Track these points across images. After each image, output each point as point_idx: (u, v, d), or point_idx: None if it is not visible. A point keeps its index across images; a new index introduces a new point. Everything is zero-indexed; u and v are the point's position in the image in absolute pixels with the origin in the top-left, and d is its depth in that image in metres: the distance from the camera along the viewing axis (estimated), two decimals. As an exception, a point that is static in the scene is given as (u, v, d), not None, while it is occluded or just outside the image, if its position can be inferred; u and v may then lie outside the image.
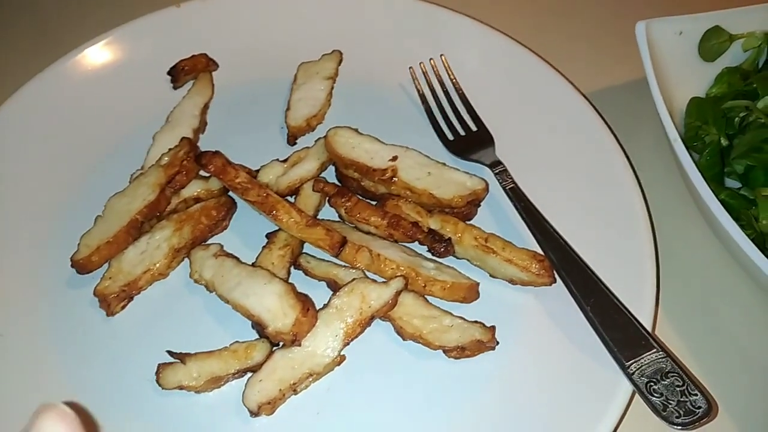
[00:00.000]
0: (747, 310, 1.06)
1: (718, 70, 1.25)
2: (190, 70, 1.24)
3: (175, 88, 1.25)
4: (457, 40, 1.28)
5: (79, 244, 1.03)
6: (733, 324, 1.05)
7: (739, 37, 1.24)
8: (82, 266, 1.02)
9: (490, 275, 1.04)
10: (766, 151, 1.08)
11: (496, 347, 0.97)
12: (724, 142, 1.14)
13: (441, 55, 1.27)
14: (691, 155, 1.10)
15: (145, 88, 1.24)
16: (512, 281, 1.03)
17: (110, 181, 1.10)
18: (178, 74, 1.24)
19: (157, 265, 1.02)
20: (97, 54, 1.27)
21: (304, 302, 0.94)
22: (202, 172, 1.09)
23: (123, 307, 1.02)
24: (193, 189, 1.10)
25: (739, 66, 1.25)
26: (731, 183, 1.15)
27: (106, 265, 1.02)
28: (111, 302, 1.00)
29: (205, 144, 1.19)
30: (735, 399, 0.98)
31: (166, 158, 1.09)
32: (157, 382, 0.93)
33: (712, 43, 1.24)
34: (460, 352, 0.96)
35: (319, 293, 1.00)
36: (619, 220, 1.06)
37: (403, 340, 0.98)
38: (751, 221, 1.03)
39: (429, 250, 1.04)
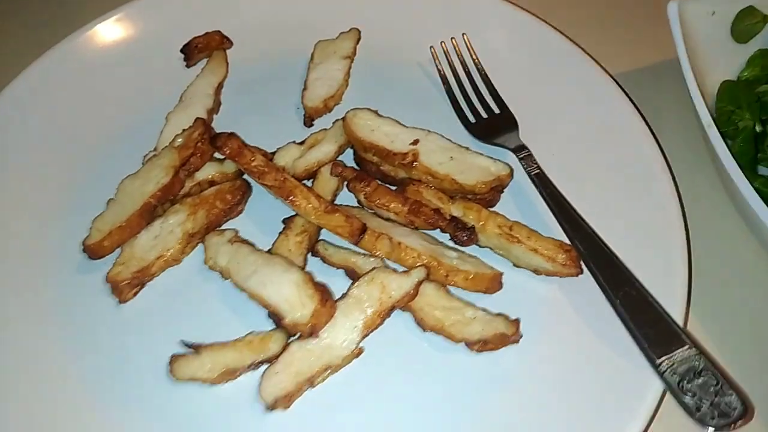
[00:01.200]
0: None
1: (751, 52, 1.20)
2: (203, 48, 1.21)
3: (188, 66, 1.21)
4: (479, 18, 1.24)
5: (90, 228, 1.00)
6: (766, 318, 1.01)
7: None
8: (93, 251, 0.99)
9: (514, 264, 1.01)
10: (803, 138, 1.04)
11: (520, 341, 0.94)
12: (758, 128, 1.09)
13: (463, 34, 1.22)
14: (723, 140, 1.06)
15: (157, 66, 1.21)
16: (536, 271, 1.00)
17: (122, 162, 1.07)
18: (191, 52, 1.20)
19: (171, 250, 0.99)
20: (109, 30, 1.23)
21: (323, 292, 0.91)
22: (216, 154, 1.06)
23: (135, 294, 0.99)
24: (208, 172, 1.06)
25: (773, 48, 1.20)
26: (763, 170, 1.11)
27: (118, 250, 1.00)
28: (123, 289, 0.97)
29: (219, 124, 1.15)
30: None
31: (180, 139, 1.05)
32: (170, 373, 0.91)
33: (745, 24, 1.20)
34: (482, 345, 0.93)
35: (336, 281, 0.97)
36: (649, 208, 1.02)
37: (424, 331, 0.95)
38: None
39: (451, 239, 1.01)
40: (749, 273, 1.06)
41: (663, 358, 0.86)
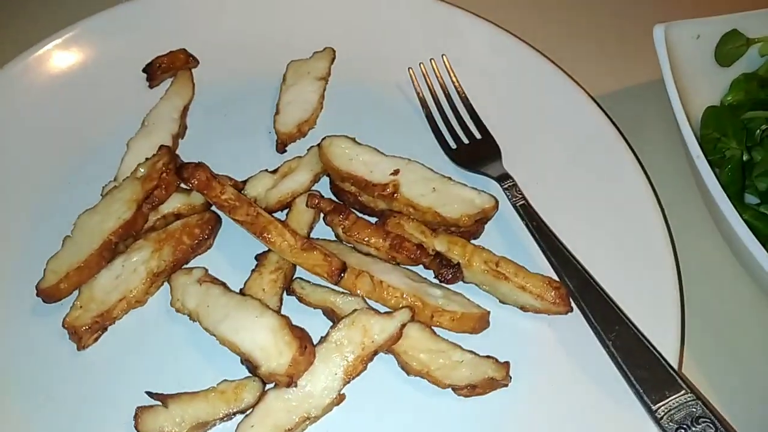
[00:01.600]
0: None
1: (734, 75, 1.19)
2: (167, 68, 1.14)
3: (151, 87, 1.15)
4: (459, 38, 1.19)
5: (45, 270, 0.93)
6: (760, 357, 0.99)
7: (757, 42, 1.18)
8: (49, 294, 0.92)
9: (500, 301, 0.97)
10: (791, 169, 1.02)
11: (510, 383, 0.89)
12: (746, 156, 1.07)
13: (442, 55, 1.17)
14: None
15: (117, 87, 1.14)
16: (524, 308, 0.96)
17: (80, 196, 1.00)
18: (154, 72, 1.14)
19: (134, 291, 0.93)
20: (63, 50, 1.15)
21: (301, 339, 0.85)
22: (183, 185, 0.99)
23: (96, 340, 0.92)
24: (174, 204, 1.00)
25: (756, 72, 1.19)
26: (749, 198, 1.09)
27: (76, 293, 0.93)
28: (82, 334, 0.90)
29: (185, 150, 1.09)
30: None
31: (143, 170, 0.99)
32: (136, 428, 0.84)
33: (728, 47, 1.19)
34: (470, 390, 0.88)
35: (315, 323, 0.92)
36: (639, 242, 0.99)
37: (408, 375, 0.90)
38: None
39: (436, 276, 0.96)
40: (738, 307, 1.04)
41: (660, 405, 0.83)
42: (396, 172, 1.01)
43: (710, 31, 1.16)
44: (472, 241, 1.00)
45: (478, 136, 1.11)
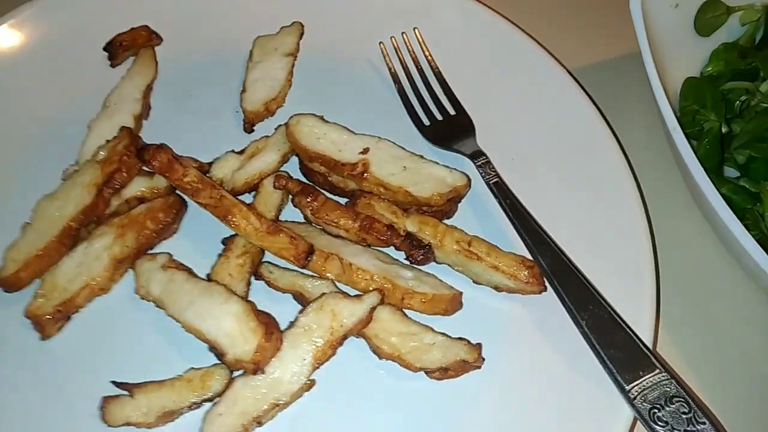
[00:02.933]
0: (750, 318, 0.99)
1: (714, 46, 1.17)
2: (129, 45, 1.11)
3: (112, 66, 1.12)
4: (431, 10, 1.16)
5: (4, 258, 0.91)
6: (737, 333, 0.98)
7: (737, 10, 1.16)
8: (9, 284, 0.90)
9: (473, 281, 0.95)
10: (770, 140, 1.00)
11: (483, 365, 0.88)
12: (724, 128, 1.05)
13: (414, 29, 1.14)
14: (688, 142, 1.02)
15: (77, 66, 1.11)
16: (497, 288, 0.94)
17: (38, 180, 0.98)
18: (115, 50, 1.11)
19: (97, 278, 0.91)
20: (19, 26, 1.12)
21: (267, 324, 0.84)
22: (146, 168, 0.96)
23: (59, 329, 0.91)
24: (136, 187, 0.98)
25: (736, 42, 1.17)
26: (729, 171, 1.08)
27: (37, 281, 0.91)
28: (45, 324, 0.89)
29: (148, 132, 1.06)
30: (738, 412, 0.91)
31: (103, 153, 0.96)
32: (102, 418, 0.83)
33: (708, 17, 1.16)
34: (443, 372, 0.87)
35: (284, 307, 0.91)
36: (614, 220, 0.98)
37: (379, 359, 0.89)
38: (757, 220, 0.95)
39: (407, 257, 0.94)
40: (716, 282, 1.03)
41: (633, 384, 0.82)
42: (365, 151, 0.98)
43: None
44: (445, 221, 0.98)
45: (451, 112, 1.09)
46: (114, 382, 0.85)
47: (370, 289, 0.89)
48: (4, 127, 1.05)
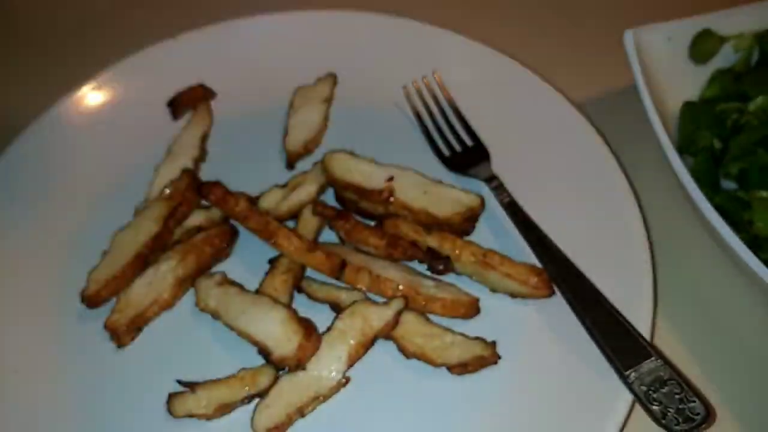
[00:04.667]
0: (746, 314, 1.07)
1: (711, 72, 1.26)
2: (188, 101, 1.26)
3: (174, 119, 1.27)
4: (448, 57, 1.30)
5: (87, 280, 1.05)
6: (733, 328, 1.06)
7: (730, 39, 1.24)
8: (91, 301, 1.04)
9: (491, 290, 1.06)
10: (758, 153, 1.09)
11: (498, 362, 0.98)
12: (717, 145, 1.15)
13: (433, 73, 1.28)
14: (686, 160, 1.12)
15: (145, 121, 1.26)
16: (512, 295, 1.04)
17: (115, 215, 1.12)
18: (176, 106, 1.26)
19: (164, 295, 1.04)
20: (96, 91, 1.29)
21: (307, 327, 0.96)
22: (204, 202, 1.12)
23: (133, 339, 1.03)
24: (196, 219, 1.12)
25: (731, 67, 1.25)
26: (728, 185, 1.15)
27: (114, 299, 1.05)
28: (121, 334, 1.02)
29: (206, 172, 1.21)
30: (738, 402, 0.98)
31: (168, 190, 1.11)
32: (168, 410, 0.96)
33: (702, 46, 1.25)
34: (462, 368, 0.97)
35: (322, 316, 1.02)
36: (615, 230, 1.07)
37: (406, 358, 0.99)
38: (745, 225, 1.03)
39: (428, 269, 1.06)
40: (714, 283, 1.10)
41: (631, 371, 0.90)
42: (391, 179, 1.11)
43: (681, 32, 1.23)
44: (464, 238, 1.10)
45: (469, 143, 1.22)
46: (178, 381, 0.97)
47: (396, 296, 1.01)
48: (86, 174, 1.21)
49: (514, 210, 1.10)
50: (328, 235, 1.13)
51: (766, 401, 0.99)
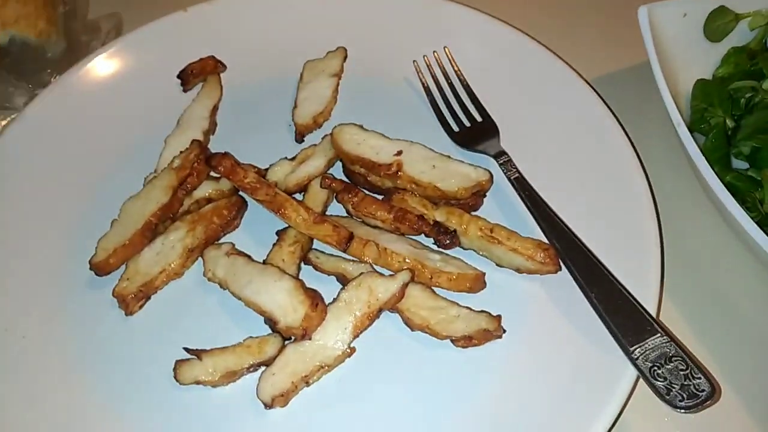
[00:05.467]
0: (752, 291, 1.07)
1: (726, 51, 1.24)
2: (198, 73, 1.27)
3: (185, 90, 1.27)
4: (459, 31, 1.29)
5: (96, 248, 1.06)
6: (740, 306, 1.06)
7: (745, 17, 1.23)
8: (100, 269, 1.05)
9: (497, 264, 1.06)
10: (771, 131, 1.08)
11: (503, 336, 0.99)
12: (729, 123, 1.14)
13: (444, 47, 1.28)
14: (697, 138, 1.11)
15: (155, 92, 1.27)
16: (518, 270, 1.04)
17: (125, 185, 1.13)
18: (187, 77, 1.26)
19: (172, 265, 1.05)
20: (108, 62, 1.30)
21: (313, 297, 0.97)
22: (213, 173, 1.12)
23: (141, 307, 1.05)
24: (205, 190, 1.12)
25: (746, 45, 1.24)
26: (739, 164, 1.15)
27: (123, 267, 1.06)
28: (129, 302, 1.03)
29: (215, 145, 1.22)
30: (742, 380, 0.99)
31: (178, 161, 1.12)
32: (175, 377, 0.97)
33: (717, 24, 1.23)
34: (467, 341, 0.97)
35: (329, 288, 1.02)
36: (624, 207, 1.07)
37: (412, 330, 1.00)
38: (756, 203, 1.03)
39: (435, 242, 1.06)
40: (722, 262, 1.10)
41: (636, 347, 0.91)
42: (399, 153, 1.11)
43: (697, 8, 1.22)
44: (472, 213, 1.10)
45: (478, 118, 1.22)
46: (186, 349, 0.98)
47: (403, 269, 1.02)
48: (97, 143, 1.22)
49: (522, 186, 1.10)
50: (336, 209, 1.13)
51: (770, 379, 0.99)
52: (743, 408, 0.97)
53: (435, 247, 1.07)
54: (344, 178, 1.16)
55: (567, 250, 1.02)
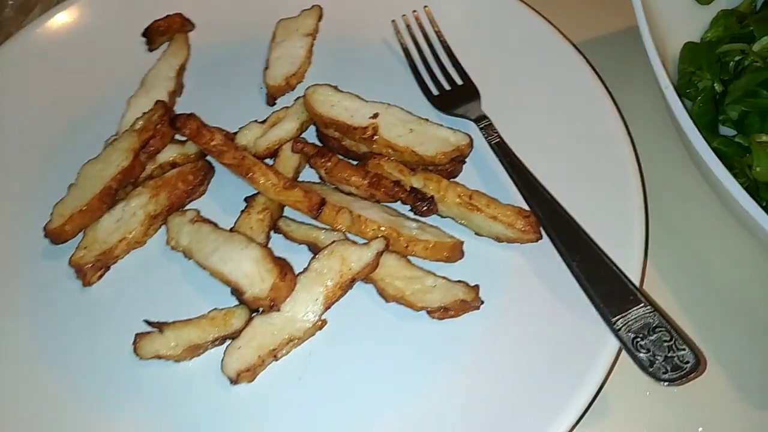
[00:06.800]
0: (739, 261, 1.03)
1: (715, 14, 1.20)
2: (165, 31, 1.20)
3: (150, 50, 1.21)
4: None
5: (52, 214, 1.01)
6: (725, 275, 1.03)
7: None
8: (56, 236, 1.00)
9: (476, 233, 1.02)
10: (761, 95, 1.04)
11: (481, 307, 0.95)
12: (718, 87, 1.10)
13: (425, 7, 1.22)
14: (684, 103, 1.06)
15: (118, 50, 1.21)
16: (498, 239, 1.01)
17: (84, 148, 1.07)
18: (152, 35, 1.20)
19: (133, 233, 1.00)
20: (68, 17, 1.23)
21: (282, 266, 0.92)
22: (178, 137, 1.06)
23: (100, 277, 1.00)
24: (169, 154, 1.07)
25: (736, 8, 1.19)
26: (726, 131, 1.11)
27: (81, 235, 1.01)
28: (87, 272, 0.98)
29: (182, 107, 1.16)
30: (727, 351, 0.96)
31: (140, 122, 1.06)
32: (135, 352, 0.92)
33: None
34: (443, 312, 0.94)
35: (300, 258, 0.98)
36: (608, 173, 1.03)
37: (386, 302, 0.96)
38: (744, 169, 0.99)
39: (412, 210, 1.01)
40: (708, 229, 1.07)
41: (618, 317, 0.87)
42: (375, 116, 1.06)
43: (686, -31, 1.18)
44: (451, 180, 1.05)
45: (459, 82, 1.16)
46: (147, 321, 0.94)
47: (378, 237, 0.97)
48: (54, 102, 1.16)
49: (503, 151, 1.05)
50: (309, 175, 1.08)
51: (756, 351, 0.96)
52: (728, 380, 0.94)
53: (411, 215, 1.03)
54: (317, 143, 1.10)
55: (548, 217, 0.98)
